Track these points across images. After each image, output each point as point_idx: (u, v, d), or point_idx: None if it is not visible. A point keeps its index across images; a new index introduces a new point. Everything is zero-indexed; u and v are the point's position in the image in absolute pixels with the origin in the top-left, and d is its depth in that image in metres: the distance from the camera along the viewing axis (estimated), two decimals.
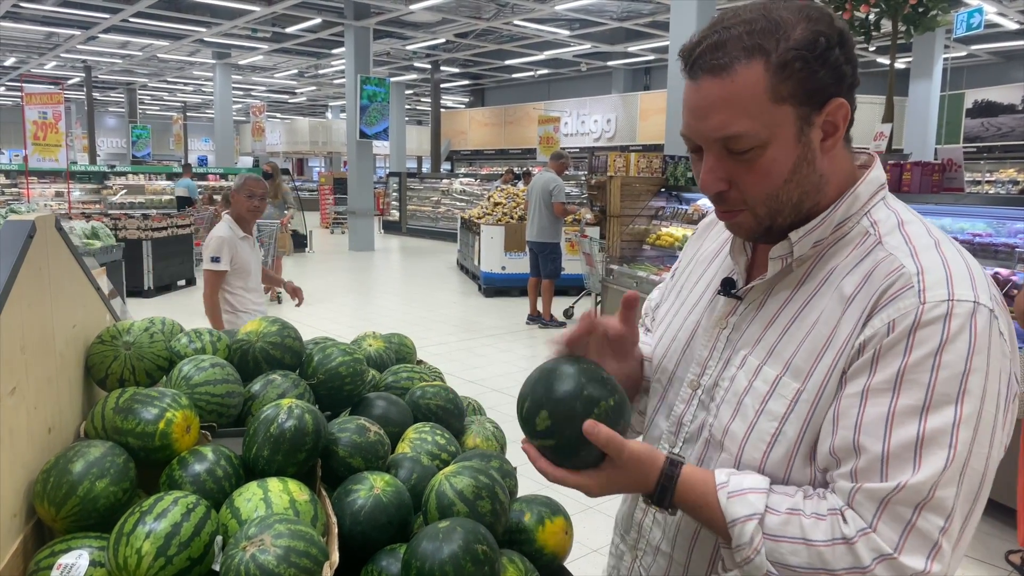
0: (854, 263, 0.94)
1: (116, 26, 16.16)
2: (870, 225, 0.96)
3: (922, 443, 0.82)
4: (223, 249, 3.92)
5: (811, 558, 0.85)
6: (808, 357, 0.93)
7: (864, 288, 0.90)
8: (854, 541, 0.83)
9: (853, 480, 0.85)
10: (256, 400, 1.40)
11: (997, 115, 16.04)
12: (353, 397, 1.52)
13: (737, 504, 0.90)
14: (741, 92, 0.88)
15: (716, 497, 0.92)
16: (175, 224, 10.23)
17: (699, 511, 0.94)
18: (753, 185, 0.93)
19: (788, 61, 0.87)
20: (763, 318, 1.00)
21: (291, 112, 36.55)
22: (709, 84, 0.89)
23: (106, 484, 1.09)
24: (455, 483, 1.18)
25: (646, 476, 0.94)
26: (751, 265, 1.08)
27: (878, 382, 0.85)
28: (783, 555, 0.86)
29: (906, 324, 0.84)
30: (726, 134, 0.90)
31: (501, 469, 1.38)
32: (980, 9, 8.09)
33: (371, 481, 1.20)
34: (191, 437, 1.22)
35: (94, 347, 1.38)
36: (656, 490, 0.94)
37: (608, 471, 0.94)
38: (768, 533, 0.88)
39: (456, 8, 14.75)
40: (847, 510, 0.85)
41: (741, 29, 0.88)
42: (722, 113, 0.89)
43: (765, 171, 0.91)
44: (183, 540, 0.99)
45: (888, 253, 0.91)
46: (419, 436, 1.47)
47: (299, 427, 1.20)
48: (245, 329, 1.54)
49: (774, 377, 0.95)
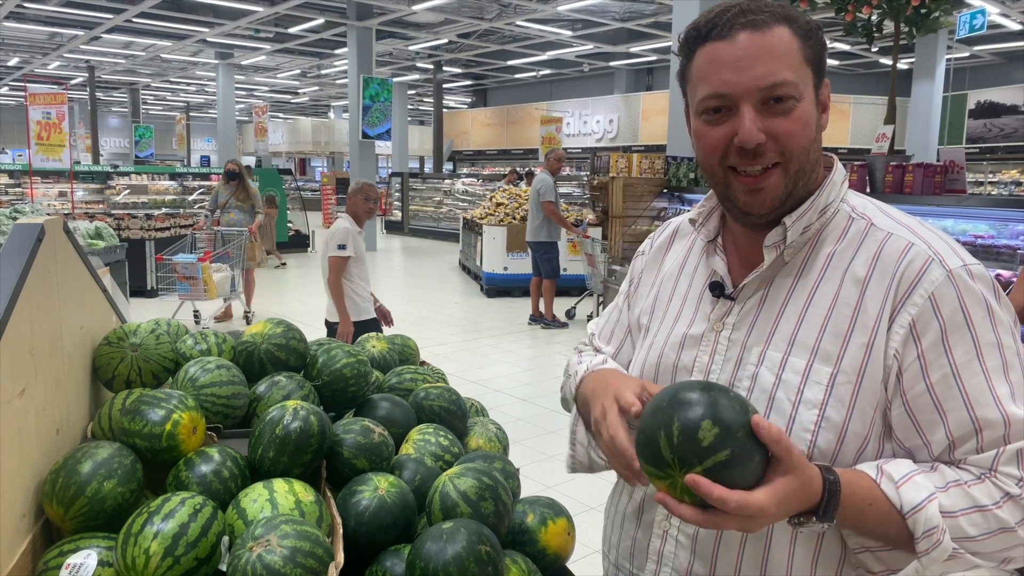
0: (854, 246, 0.98)
1: (119, 26, 16.18)
2: (851, 210, 1.01)
3: (1018, 394, 0.90)
4: (348, 239, 4.61)
5: (989, 522, 0.87)
6: (835, 340, 0.94)
7: (878, 266, 0.94)
8: (1020, 496, 0.87)
9: (982, 450, 0.89)
10: (261, 401, 1.41)
11: (1000, 116, 16.01)
12: (357, 398, 1.53)
13: (910, 491, 0.87)
14: (780, 46, 0.92)
15: (881, 491, 0.88)
16: (178, 224, 10.25)
17: (867, 511, 0.88)
18: (792, 135, 0.94)
19: (811, 30, 0.95)
20: (770, 311, 1.01)
21: (293, 112, 36.58)
22: (749, 38, 0.92)
23: (114, 485, 1.10)
24: (459, 484, 1.19)
25: (811, 482, 0.84)
26: (728, 267, 1.09)
27: (961, 357, 0.90)
28: (962, 528, 0.87)
29: (950, 296, 0.90)
30: (773, 80, 0.92)
31: (504, 470, 1.39)
32: (983, 10, 8.08)
33: (375, 482, 1.21)
34: (197, 438, 1.24)
35: (101, 349, 1.39)
36: (823, 497, 0.85)
37: (782, 480, 0.81)
38: (944, 510, 0.87)
39: (458, 8, 14.76)
40: (995, 474, 0.89)
41: (760, 2, 0.94)
42: (768, 62, 0.92)
43: (803, 121, 0.94)
44: (190, 540, 1.00)
45: (887, 232, 0.97)
46: (423, 437, 1.48)
47: (304, 428, 1.22)
48: (250, 331, 1.55)
49: (804, 366, 0.95)
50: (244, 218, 8.58)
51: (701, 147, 0.99)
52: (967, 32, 8.18)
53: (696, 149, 1.01)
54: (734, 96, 0.93)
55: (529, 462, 4.43)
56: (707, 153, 0.98)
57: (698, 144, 1.00)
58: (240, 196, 8.63)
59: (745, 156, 0.94)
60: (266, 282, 11.59)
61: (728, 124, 0.95)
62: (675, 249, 1.23)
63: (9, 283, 1.06)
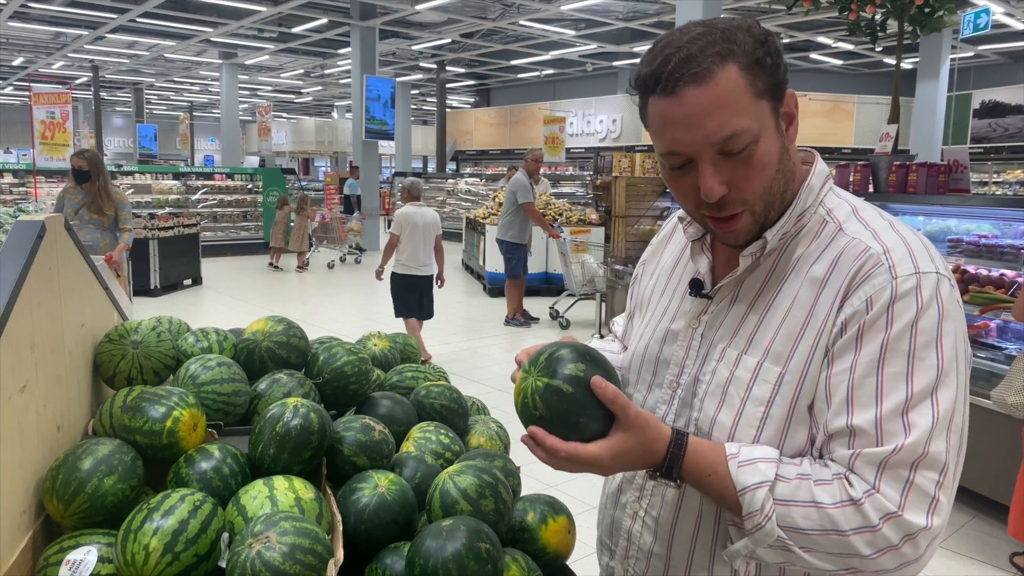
0: (819, 250, 1.00)
1: (123, 26, 16.22)
2: (826, 213, 1.03)
3: (910, 406, 0.88)
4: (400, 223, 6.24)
5: (822, 520, 0.88)
6: (786, 341, 0.98)
7: (835, 271, 0.96)
8: (861, 502, 0.87)
9: (851, 448, 0.90)
10: (262, 399, 1.41)
11: (1004, 116, 15.96)
12: (358, 396, 1.53)
13: (748, 473, 0.92)
14: (728, 93, 0.90)
15: (727, 466, 0.94)
16: (181, 224, 10.27)
17: (708, 480, 0.95)
18: (752, 181, 0.95)
19: (758, 58, 0.92)
20: (737, 311, 1.05)
21: (297, 112, 36.63)
22: (695, 92, 0.90)
23: (114, 481, 1.10)
24: (459, 482, 1.19)
25: (654, 443, 0.95)
26: (713, 265, 1.12)
27: (865, 356, 0.91)
28: (794, 519, 0.89)
29: (884, 299, 0.91)
30: (726, 134, 0.91)
31: (505, 468, 1.39)
32: (987, 10, 8.05)
33: (376, 480, 1.21)
34: (198, 435, 1.24)
35: (102, 346, 1.39)
36: (666, 459, 0.95)
37: (618, 436, 0.93)
38: (779, 499, 0.90)
39: (462, 8, 14.76)
40: (850, 475, 0.90)
41: (701, 42, 0.90)
42: (716, 116, 0.90)
43: (761, 164, 0.94)
44: (190, 537, 1.00)
45: (851, 237, 0.98)
46: (423, 435, 1.48)
47: (305, 426, 1.22)
48: (251, 328, 1.55)
49: (755, 364, 0.99)
50: (101, 237, 5.72)
51: (674, 192, 1.01)
52: (971, 31, 8.15)
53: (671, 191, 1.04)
54: (689, 153, 0.93)
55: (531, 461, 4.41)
56: (681, 200, 1.01)
57: (672, 191, 1.02)
58: (94, 207, 5.64)
59: (711, 207, 0.97)
60: (270, 284, 11.61)
61: (691, 175, 0.96)
62: (673, 242, 1.26)
63: (9, 280, 1.06)
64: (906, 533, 0.86)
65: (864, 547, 0.86)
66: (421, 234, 6.22)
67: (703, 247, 1.13)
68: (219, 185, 14.93)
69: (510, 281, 8.14)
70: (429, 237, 6.30)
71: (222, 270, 12.21)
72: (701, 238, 1.14)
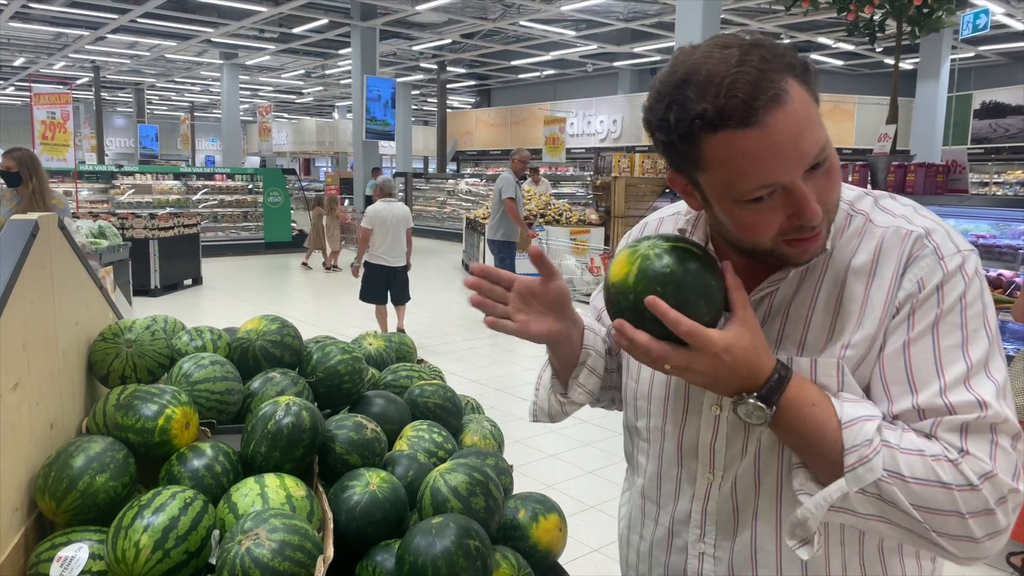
0: (853, 243, 0.97)
1: (124, 26, 16.24)
2: (848, 207, 1.00)
3: (970, 375, 0.88)
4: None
5: (926, 470, 0.85)
6: (840, 335, 0.95)
7: (881, 259, 0.95)
8: (958, 462, 0.85)
9: (923, 419, 0.88)
10: (255, 397, 1.42)
11: (1005, 116, 15.95)
12: (352, 395, 1.54)
13: (855, 407, 0.89)
14: (804, 108, 0.86)
15: (830, 400, 0.90)
16: (182, 224, 10.28)
17: (809, 410, 0.89)
18: (833, 190, 0.92)
19: (805, 67, 0.89)
20: (775, 318, 1.00)
21: (298, 112, 36.66)
22: (780, 116, 0.83)
23: (106, 479, 1.11)
24: (450, 480, 1.19)
25: (762, 355, 0.90)
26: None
27: (918, 332, 0.91)
28: (898, 464, 0.85)
29: (935, 279, 0.91)
30: (816, 152, 0.87)
31: (497, 467, 1.39)
32: (986, 10, 8.05)
33: (367, 477, 1.22)
34: (190, 433, 1.24)
35: (96, 344, 1.40)
36: (770, 378, 0.89)
37: (735, 329, 0.88)
38: (885, 440, 0.87)
39: (462, 9, 14.77)
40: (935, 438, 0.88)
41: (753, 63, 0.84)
42: (806, 135, 0.86)
43: (837, 171, 0.92)
44: (180, 534, 1.01)
45: (885, 226, 0.96)
46: (416, 434, 1.48)
47: (296, 424, 1.22)
48: (245, 327, 1.55)
49: (809, 363, 0.95)
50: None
51: (745, 229, 0.92)
52: (970, 32, 8.15)
53: (731, 228, 0.94)
54: (784, 181, 0.87)
55: (529, 460, 4.43)
56: (755, 234, 0.92)
57: (739, 226, 0.93)
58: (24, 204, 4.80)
59: (804, 228, 0.90)
60: (271, 284, 11.62)
61: (778, 206, 0.89)
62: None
63: (2, 278, 1.07)
64: (1000, 495, 0.84)
65: (963, 505, 0.84)
66: (391, 227, 6.78)
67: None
68: (220, 185, 14.95)
69: None
70: (399, 230, 6.85)
71: (223, 270, 12.22)
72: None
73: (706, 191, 0.93)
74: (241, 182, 15.14)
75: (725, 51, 0.86)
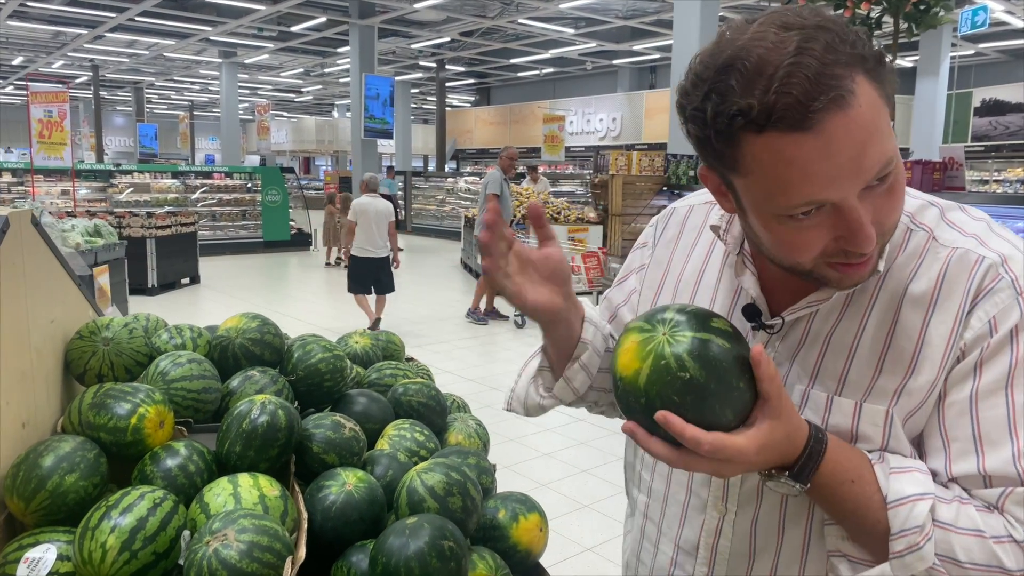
0: (912, 264, 0.83)
1: (122, 25, 16.23)
2: (908, 220, 0.86)
3: None
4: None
5: (985, 554, 0.74)
6: (893, 376, 0.81)
7: (944, 289, 0.80)
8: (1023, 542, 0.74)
9: (989, 487, 0.77)
10: (234, 396, 1.40)
11: (1005, 114, 15.91)
12: (333, 393, 1.52)
13: (904, 481, 0.76)
14: (872, 114, 0.70)
15: (872, 471, 0.78)
16: (179, 222, 10.26)
17: (847, 487, 0.77)
18: (894, 211, 0.77)
19: (879, 61, 0.72)
20: (814, 343, 0.86)
21: (298, 111, 36.65)
22: (839, 121, 0.68)
23: (76, 479, 1.09)
24: (426, 479, 1.18)
25: (796, 433, 0.76)
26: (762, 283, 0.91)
27: (988, 385, 0.78)
28: (952, 548, 0.74)
29: (1012, 320, 0.78)
30: (879, 168, 0.72)
31: (477, 466, 1.37)
32: (985, 7, 8.03)
33: (344, 477, 1.20)
34: (165, 432, 1.22)
35: (73, 343, 1.38)
36: (803, 454, 0.77)
37: (767, 424, 0.74)
38: (939, 520, 0.75)
39: (461, 7, 14.75)
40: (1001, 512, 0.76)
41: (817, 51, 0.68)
42: (871, 148, 0.70)
43: (902, 189, 0.77)
44: (148, 535, 0.99)
45: (951, 247, 0.82)
46: (398, 433, 1.47)
47: (271, 423, 1.20)
48: (225, 325, 1.54)
49: (853, 406, 0.82)
50: None
51: (782, 247, 0.79)
52: (969, 29, 8.12)
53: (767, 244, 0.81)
54: (834, 198, 0.72)
55: (523, 459, 4.42)
56: (794, 253, 0.78)
57: (776, 243, 0.79)
58: None
59: (851, 254, 0.76)
60: (269, 283, 11.61)
61: (825, 225, 0.74)
62: (685, 244, 1.05)
63: None
64: None
65: None
66: (373, 220, 7.22)
67: (745, 260, 0.92)
68: (218, 184, 14.94)
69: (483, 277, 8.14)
70: (382, 224, 7.28)
71: (221, 269, 12.21)
72: (741, 250, 0.92)
73: (742, 197, 0.79)
74: (239, 181, 15.13)
75: (783, 33, 0.69)
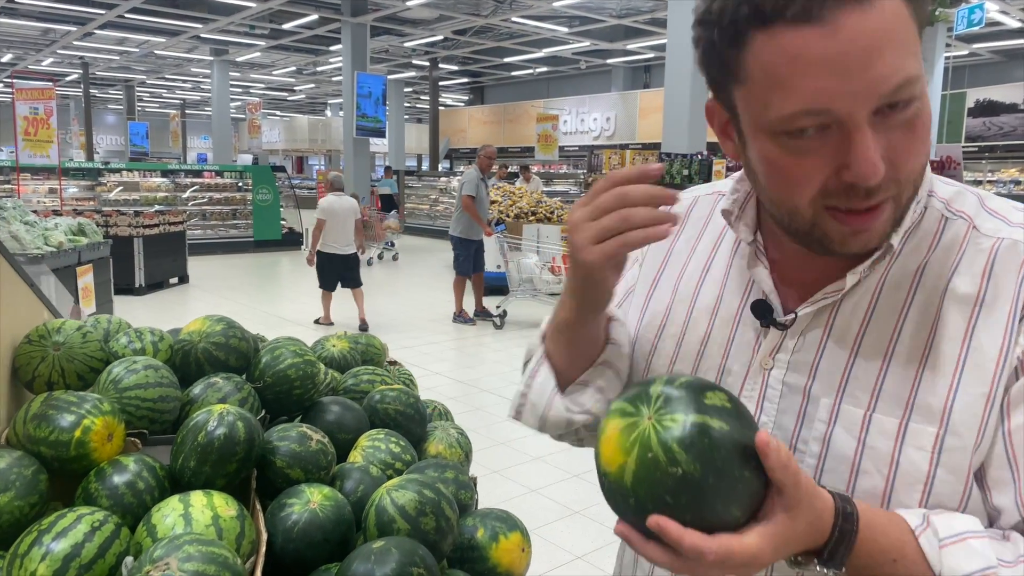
0: (952, 256, 0.73)
1: (112, 22, 16.07)
2: (943, 206, 0.76)
3: None
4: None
5: None
6: (938, 389, 0.70)
7: (992, 285, 0.70)
8: None
9: None
10: (195, 404, 1.31)
11: (999, 114, 15.90)
12: (304, 401, 1.43)
13: (958, 555, 0.65)
14: (897, 24, 0.62)
15: (917, 545, 0.65)
16: (167, 221, 10.14)
17: (887, 568, 0.66)
18: (914, 155, 0.67)
19: None
20: (840, 348, 0.75)
21: (290, 110, 36.47)
22: (857, 20, 0.60)
23: (10, 498, 1.00)
24: (397, 498, 1.09)
25: (821, 517, 0.64)
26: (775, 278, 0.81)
27: None
28: None
29: None
30: (897, 82, 0.62)
31: (455, 481, 1.28)
32: (981, 5, 7.98)
33: (308, 495, 1.11)
34: (114, 446, 1.13)
35: (21, 347, 1.29)
36: (832, 537, 0.64)
37: (783, 518, 0.62)
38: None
39: (454, 5, 14.65)
40: None
41: None
42: (888, 55, 0.61)
43: (926, 129, 0.67)
44: (84, 562, 0.90)
45: (997, 237, 0.72)
46: (372, 444, 1.37)
47: (229, 435, 1.11)
48: (188, 328, 1.44)
49: (896, 427, 0.70)
50: None
51: (779, 180, 0.69)
52: (965, 27, 8.06)
53: (764, 180, 0.71)
54: (839, 112, 0.63)
55: (514, 463, 4.32)
56: (791, 189, 0.68)
57: (772, 174, 0.70)
58: None
59: (856, 194, 0.66)
60: (258, 282, 11.50)
61: (827, 150, 0.65)
62: (688, 236, 0.91)
63: None
64: None
65: None
66: (341, 218, 7.40)
67: (757, 252, 0.81)
68: (208, 183, 14.80)
69: (457, 277, 8.03)
70: (349, 221, 7.45)
71: (210, 268, 12.07)
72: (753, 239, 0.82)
73: (742, 116, 0.70)
74: (230, 179, 14.99)
75: None
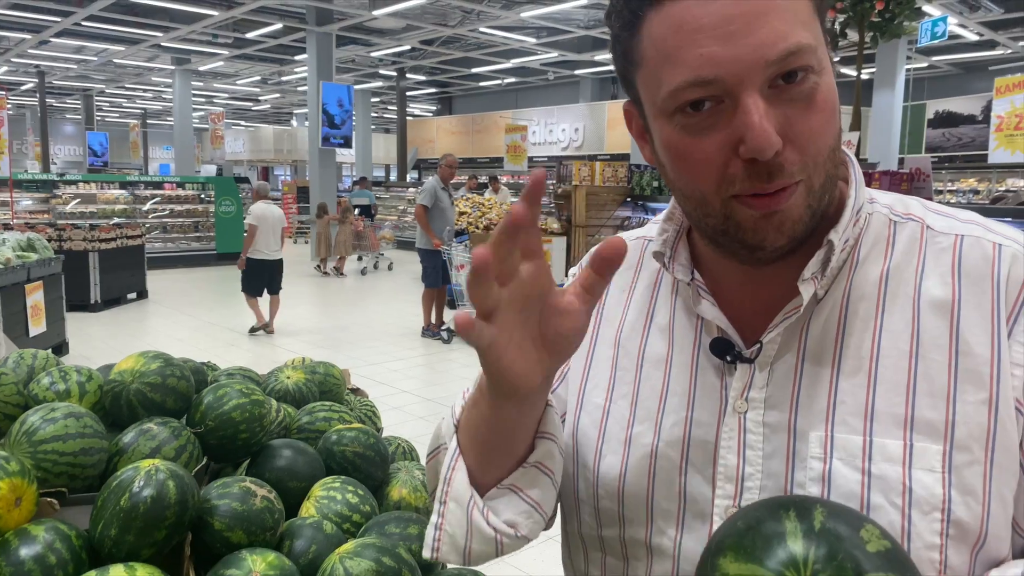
0: (916, 261, 0.69)
1: (68, 30, 15.65)
2: (888, 211, 0.72)
3: None
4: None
5: None
6: (934, 401, 0.64)
7: (965, 284, 0.66)
8: None
9: None
10: (124, 455, 1.16)
11: (958, 125, 16.25)
12: (251, 446, 1.29)
13: None
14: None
15: None
16: (125, 235, 9.83)
17: None
18: (818, 133, 0.63)
19: None
20: (817, 373, 0.68)
21: (255, 120, 35.97)
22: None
23: None
24: (351, 567, 0.95)
25: None
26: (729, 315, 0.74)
27: None
28: None
29: None
30: (787, 47, 0.60)
31: (420, 537, 1.15)
32: (944, 18, 8.11)
33: (249, 564, 0.97)
34: (22, 511, 0.98)
35: None
36: None
37: None
38: None
39: (421, 15, 14.53)
40: None
41: None
42: (773, 20, 0.60)
43: (829, 107, 0.64)
44: None
45: (954, 234, 0.69)
46: (327, 494, 1.24)
47: (157, 498, 0.97)
48: (120, 367, 1.29)
49: (900, 449, 0.64)
50: None
51: (682, 165, 0.65)
52: (929, 39, 8.19)
53: (671, 172, 0.67)
54: (728, 80, 0.60)
55: None
56: (695, 173, 0.65)
57: (675, 160, 0.66)
58: None
59: (758, 175, 0.62)
60: (219, 298, 11.21)
61: (722, 125, 0.62)
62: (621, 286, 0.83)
63: None
64: None
65: None
66: (270, 226, 7.87)
67: (699, 289, 0.75)
68: (169, 195, 14.44)
69: (426, 290, 7.90)
70: (277, 228, 7.94)
71: (170, 283, 11.75)
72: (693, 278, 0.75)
73: (645, 109, 0.68)
74: (192, 191, 14.65)
75: None
